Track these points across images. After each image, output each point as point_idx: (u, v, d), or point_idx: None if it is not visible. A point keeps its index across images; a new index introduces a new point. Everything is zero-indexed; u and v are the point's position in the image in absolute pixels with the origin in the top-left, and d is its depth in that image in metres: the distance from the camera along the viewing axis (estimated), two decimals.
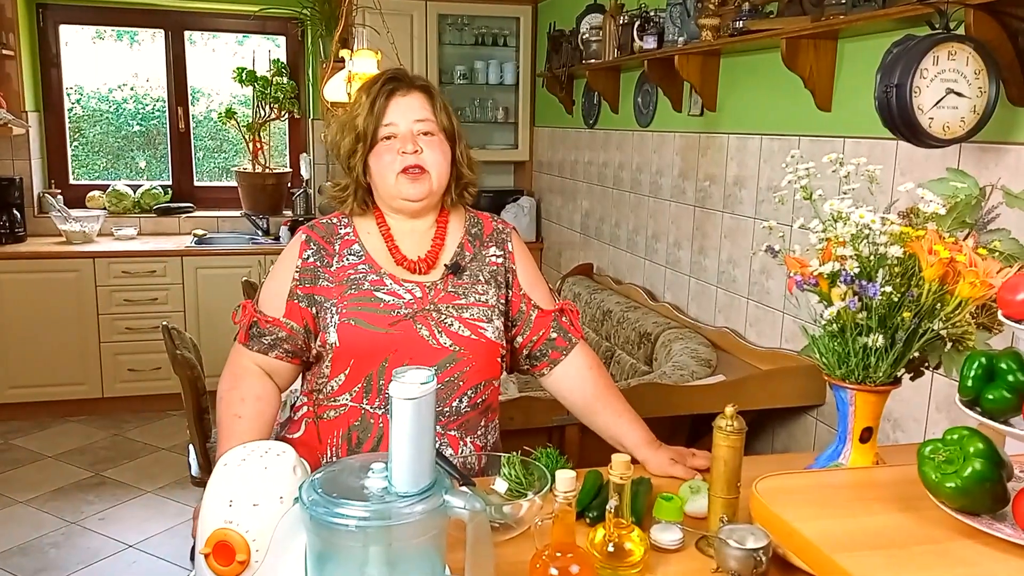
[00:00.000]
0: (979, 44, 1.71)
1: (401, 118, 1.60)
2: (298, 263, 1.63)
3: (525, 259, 1.75)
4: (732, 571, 1.22)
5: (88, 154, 5.17)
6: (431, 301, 1.61)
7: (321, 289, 1.61)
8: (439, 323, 1.59)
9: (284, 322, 1.60)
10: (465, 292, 1.64)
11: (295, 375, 1.68)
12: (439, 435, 1.60)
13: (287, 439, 1.69)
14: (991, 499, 0.93)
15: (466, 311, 1.62)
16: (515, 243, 1.74)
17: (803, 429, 2.55)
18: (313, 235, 1.66)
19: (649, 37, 3.08)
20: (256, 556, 1.06)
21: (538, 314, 1.71)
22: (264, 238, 4.90)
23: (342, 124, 1.66)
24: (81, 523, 3.38)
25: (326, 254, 1.64)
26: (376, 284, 1.61)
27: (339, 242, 1.65)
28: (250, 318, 1.62)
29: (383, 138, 1.60)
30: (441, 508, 1.07)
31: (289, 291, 1.61)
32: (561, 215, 4.64)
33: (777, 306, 2.63)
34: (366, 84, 1.66)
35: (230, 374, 1.62)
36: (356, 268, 1.62)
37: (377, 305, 1.59)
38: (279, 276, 1.64)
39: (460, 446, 1.63)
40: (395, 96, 1.61)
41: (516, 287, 1.71)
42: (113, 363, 4.47)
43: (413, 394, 1.04)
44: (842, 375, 1.20)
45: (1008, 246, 1.20)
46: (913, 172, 2.03)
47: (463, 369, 1.59)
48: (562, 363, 1.71)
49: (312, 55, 5.01)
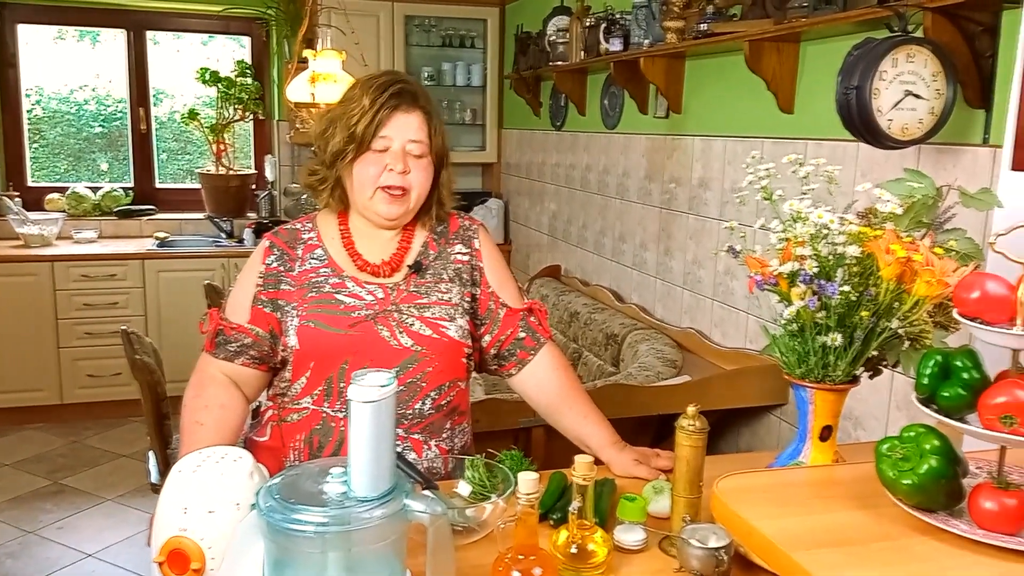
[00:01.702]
0: (937, 46, 1.73)
1: (397, 134, 1.56)
2: (261, 268, 1.61)
3: (493, 257, 1.72)
4: (694, 571, 1.22)
5: (48, 156, 5.07)
6: (393, 302, 1.60)
7: (283, 293, 1.59)
8: (400, 323, 1.58)
9: (249, 328, 1.58)
10: (427, 291, 1.62)
11: (263, 383, 1.66)
12: (401, 438, 1.58)
13: (254, 441, 1.67)
14: (947, 496, 0.94)
15: (428, 310, 1.60)
16: (483, 240, 1.72)
17: (767, 428, 2.57)
18: (277, 241, 1.64)
19: (615, 39, 3.09)
20: (211, 564, 1.04)
21: (506, 313, 1.69)
22: (228, 241, 4.84)
23: (334, 118, 1.60)
24: (39, 532, 3.30)
25: (288, 259, 1.62)
26: (337, 287, 1.59)
27: (302, 247, 1.64)
28: (216, 326, 1.60)
29: (375, 149, 1.57)
30: (401, 512, 1.06)
31: (253, 297, 1.59)
32: (529, 217, 4.64)
33: (741, 307, 2.64)
34: (368, 84, 1.59)
35: (195, 382, 1.60)
36: (318, 272, 1.61)
37: (337, 307, 1.57)
38: (244, 283, 1.63)
39: (424, 449, 1.60)
40: (398, 112, 1.57)
41: (484, 285, 1.69)
42: (72, 368, 4.38)
43: (372, 397, 1.03)
44: (801, 374, 1.21)
45: (964, 245, 1.22)
46: (873, 173, 2.05)
47: (425, 370, 1.58)
48: (530, 363, 1.70)
49: (277, 56, 4.96)
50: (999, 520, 0.90)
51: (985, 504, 0.91)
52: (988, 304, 0.94)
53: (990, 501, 0.91)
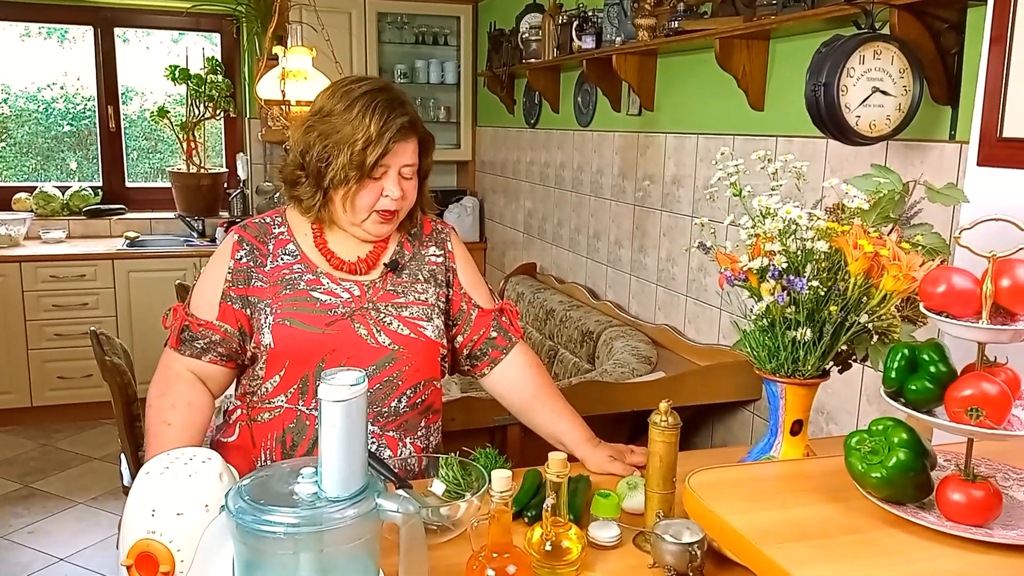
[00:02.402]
0: (903, 43, 1.75)
1: (395, 162, 1.54)
2: (230, 264, 1.58)
3: (465, 259, 1.74)
4: (668, 566, 1.22)
5: (16, 155, 4.98)
6: (369, 299, 1.59)
7: (255, 290, 1.57)
8: (378, 322, 1.57)
9: (217, 325, 1.56)
10: (404, 291, 1.62)
11: (230, 379, 1.64)
12: (376, 435, 1.58)
13: (222, 443, 1.65)
14: (915, 488, 0.95)
15: (406, 310, 1.60)
16: (455, 243, 1.74)
17: (740, 423, 2.59)
18: (246, 235, 1.61)
19: (587, 37, 3.09)
20: (181, 567, 1.03)
21: (478, 313, 1.70)
22: (199, 240, 4.79)
23: (328, 133, 1.52)
24: (9, 537, 3.25)
25: (259, 254, 1.59)
26: (312, 284, 1.58)
27: (273, 242, 1.61)
28: (181, 322, 1.57)
29: (374, 177, 1.53)
30: (373, 512, 1.05)
31: (222, 293, 1.57)
32: (504, 215, 4.64)
33: (714, 303, 2.66)
34: (368, 106, 1.51)
35: (160, 380, 1.57)
36: (291, 268, 1.59)
37: (313, 305, 1.56)
38: (211, 278, 1.59)
39: (399, 447, 1.61)
40: (401, 141, 1.53)
41: (456, 286, 1.70)
42: (42, 371, 4.31)
43: (343, 396, 1.02)
44: (772, 369, 1.21)
45: (930, 240, 1.23)
46: (842, 170, 2.07)
47: (402, 368, 1.58)
48: (502, 363, 1.71)
49: (248, 53, 4.91)
50: (967, 512, 0.91)
51: (953, 496, 0.92)
52: (954, 298, 0.94)
53: (958, 493, 0.92)
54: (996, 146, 1.48)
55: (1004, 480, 1.01)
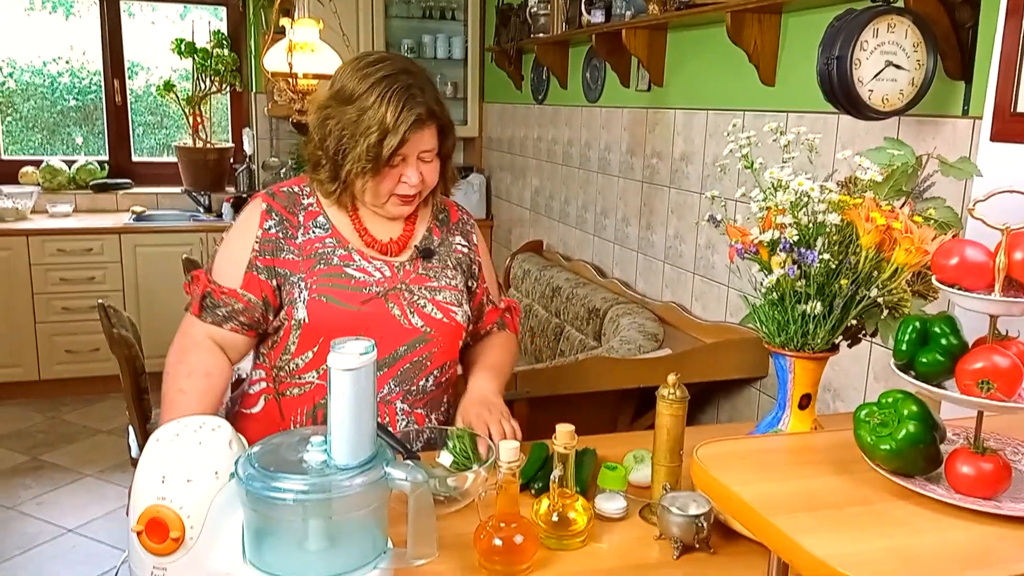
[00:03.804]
0: (917, 17, 1.73)
1: (413, 150, 1.53)
2: (258, 233, 1.56)
3: (486, 253, 1.79)
4: (675, 538, 1.23)
5: (22, 129, 4.98)
6: (401, 281, 1.60)
7: (285, 262, 1.56)
8: (411, 303, 1.59)
9: (241, 294, 1.54)
10: (436, 275, 1.64)
11: (249, 347, 1.63)
12: (406, 412, 1.60)
13: (243, 414, 1.65)
14: (924, 461, 0.95)
15: (440, 294, 1.63)
16: (478, 236, 1.78)
17: (746, 401, 2.59)
18: (275, 204, 1.59)
19: (597, 11, 3.06)
20: (191, 533, 1.04)
21: (490, 309, 1.78)
22: (206, 215, 4.79)
23: (344, 124, 1.51)
24: (18, 508, 3.28)
25: (289, 225, 1.58)
26: (345, 259, 1.58)
27: (303, 213, 1.60)
28: (203, 288, 1.55)
29: (391, 164, 1.53)
30: (382, 480, 1.05)
31: (248, 262, 1.55)
32: (511, 192, 4.62)
33: (722, 280, 2.65)
34: (387, 90, 1.49)
35: (178, 347, 1.56)
36: (324, 242, 1.58)
37: (348, 282, 1.56)
38: (235, 246, 1.57)
39: (426, 422, 1.64)
40: (418, 131, 1.52)
41: (481, 280, 1.75)
42: (49, 344, 4.34)
43: (352, 365, 1.02)
44: (781, 343, 1.21)
45: (943, 214, 1.22)
46: (854, 145, 2.05)
47: (432, 350, 1.61)
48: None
49: (254, 26, 4.88)
50: (976, 485, 0.91)
51: (962, 469, 0.92)
52: (967, 270, 0.94)
53: (967, 466, 0.92)
54: (1010, 121, 1.47)
55: (1013, 454, 1.01)
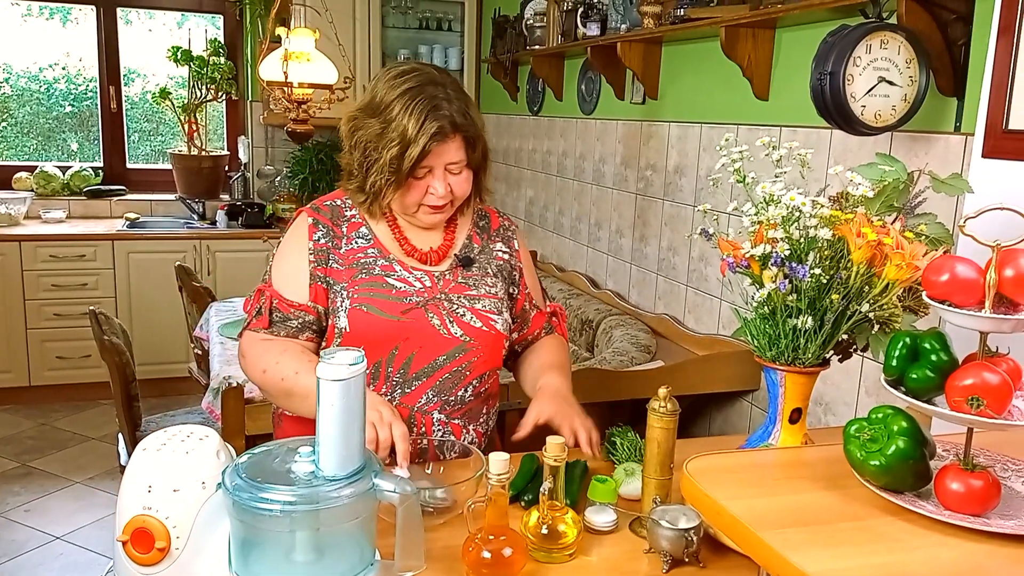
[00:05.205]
0: (910, 33, 1.74)
1: (438, 162, 1.53)
2: (309, 245, 1.58)
3: (527, 259, 1.76)
4: (664, 551, 1.22)
5: (17, 135, 4.97)
6: (441, 291, 1.59)
7: (332, 271, 1.57)
8: (451, 313, 1.58)
9: (311, 306, 1.56)
10: (476, 284, 1.63)
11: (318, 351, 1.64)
12: (443, 423, 1.58)
13: (285, 415, 1.66)
14: (914, 477, 0.95)
15: (479, 302, 1.61)
16: (520, 241, 1.76)
17: (738, 413, 2.58)
18: (320, 217, 1.61)
19: (592, 24, 3.07)
20: (176, 543, 1.03)
21: (536, 313, 1.74)
22: (200, 222, 4.78)
23: (368, 137, 1.52)
24: (6, 515, 3.26)
25: (335, 236, 1.59)
26: (386, 269, 1.58)
27: (346, 224, 1.61)
28: (269, 302, 1.56)
29: (416, 177, 1.53)
30: (370, 492, 1.05)
31: (310, 274, 1.57)
32: (506, 203, 4.63)
33: (715, 293, 2.65)
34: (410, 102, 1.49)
35: (252, 356, 1.55)
36: (366, 252, 1.59)
37: (389, 292, 1.56)
38: (292, 261, 1.59)
39: (463, 434, 1.61)
40: (439, 143, 1.50)
41: (523, 286, 1.73)
42: (40, 350, 4.31)
43: (341, 375, 1.02)
44: (772, 356, 1.21)
45: (934, 230, 1.23)
46: (846, 160, 2.06)
47: (471, 359, 1.58)
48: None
49: (250, 35, 4.88)
50: (965, 501, 0.91)
51: (952, 485, 0.92)
52: (957, 287, 0.94)
53: (956, 482, 0.92)
54: (1002, 138, 1.48)
55: (1003, 471, 1.01)
